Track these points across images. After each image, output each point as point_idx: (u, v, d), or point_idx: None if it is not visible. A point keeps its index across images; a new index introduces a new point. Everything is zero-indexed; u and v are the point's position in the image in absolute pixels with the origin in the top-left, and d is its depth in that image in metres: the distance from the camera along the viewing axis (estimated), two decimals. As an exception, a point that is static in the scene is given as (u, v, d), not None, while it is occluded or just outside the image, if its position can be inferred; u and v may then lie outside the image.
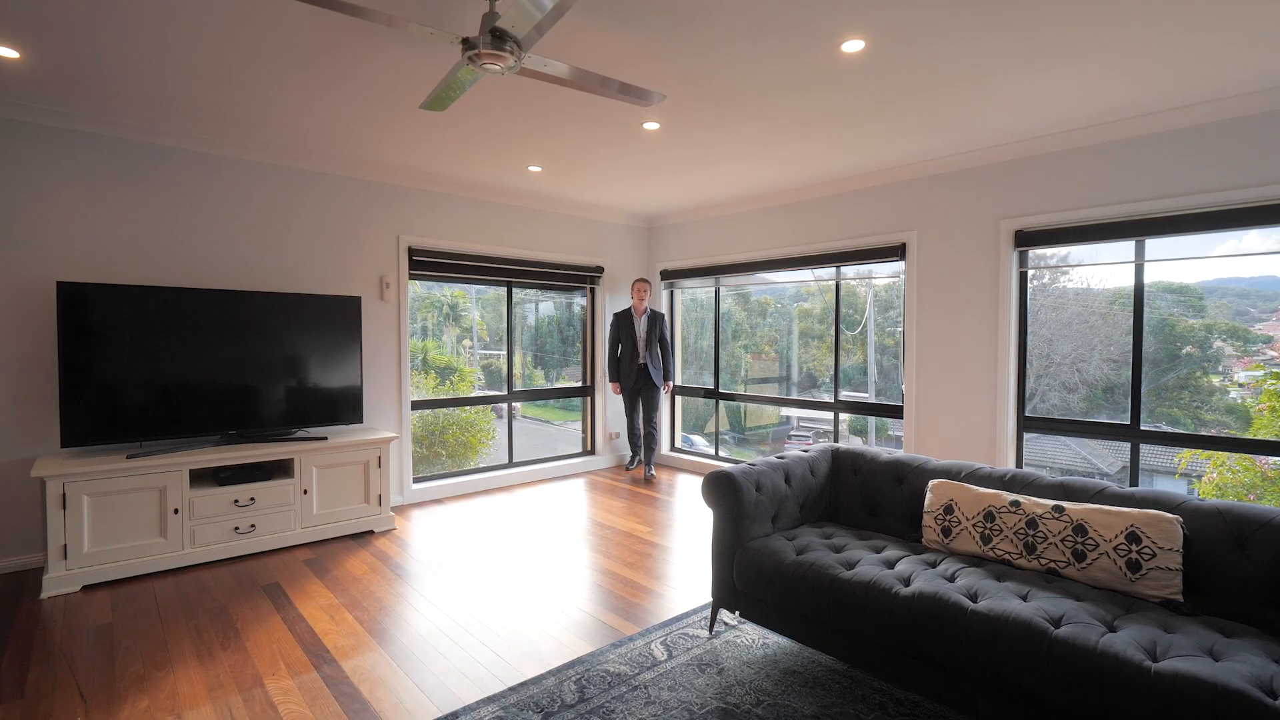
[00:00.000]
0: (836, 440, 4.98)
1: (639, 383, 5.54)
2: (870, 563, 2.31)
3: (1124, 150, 3.45)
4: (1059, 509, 2.26)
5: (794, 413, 6.05)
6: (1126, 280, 3.64)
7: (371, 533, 4.03)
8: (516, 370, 5.93)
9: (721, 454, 5.96)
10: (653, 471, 5.67)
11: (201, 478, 3.65)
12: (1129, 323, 3.56)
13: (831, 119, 3.37)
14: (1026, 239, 3.83)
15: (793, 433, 6.18)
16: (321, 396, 4.04)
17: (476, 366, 5.84)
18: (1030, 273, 3.93)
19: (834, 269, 4.88)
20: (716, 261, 5.65)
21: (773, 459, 2.87)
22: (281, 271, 4.12)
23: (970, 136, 3.65)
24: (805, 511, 2.87)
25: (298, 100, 3.16)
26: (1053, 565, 2.20)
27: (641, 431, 5.72)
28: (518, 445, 6.11)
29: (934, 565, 2.32)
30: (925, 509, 2.57)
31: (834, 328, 4.92)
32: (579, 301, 6.12)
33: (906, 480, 2.78)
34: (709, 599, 3.05)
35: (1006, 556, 2.30)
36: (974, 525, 2.40)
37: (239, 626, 2.75)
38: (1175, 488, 3.68)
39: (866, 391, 5.06)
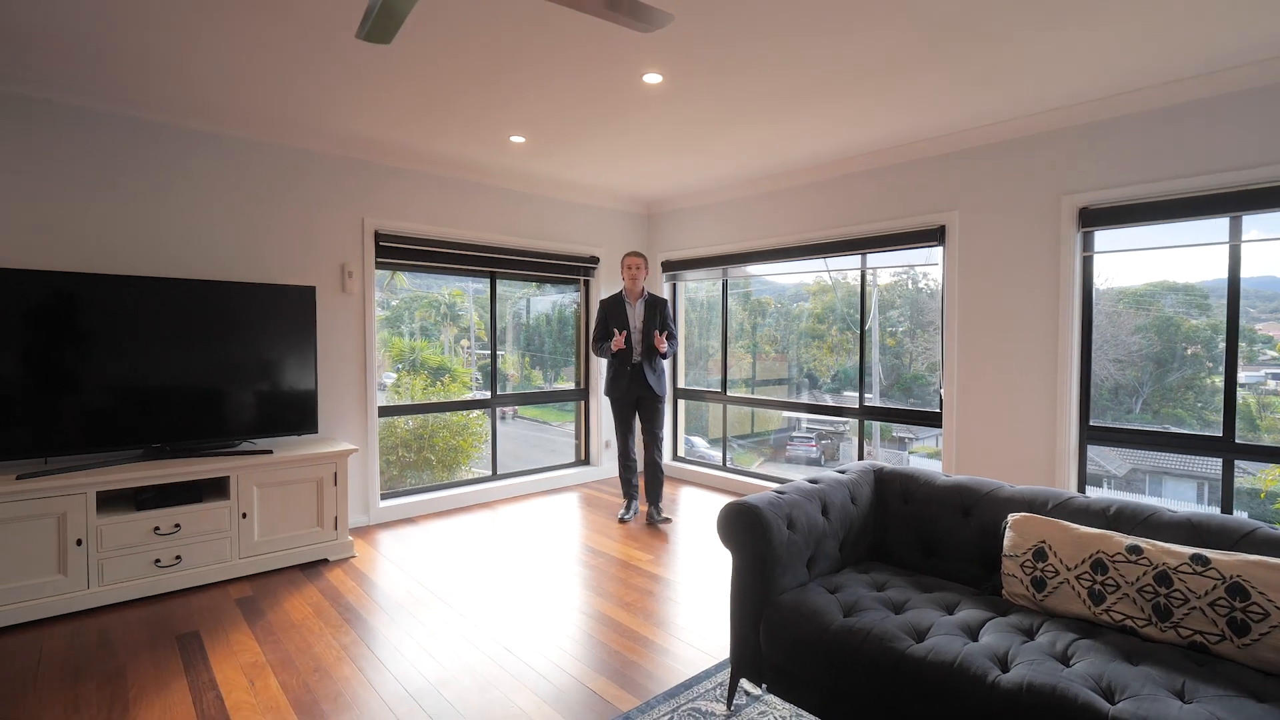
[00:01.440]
0: (862, 455, 4.40)
1: (633, 390, 4.16)
2: (945, 630, 1.74)
3: (1223, 107, 2.88)
4: (1201, 560, 1.68)
5: (795, 414, 5.54)
6: (1200, 269, 3.11)
7: (325, 562, 3.45)
8: (512, 371, 5.48)
9: (730, 462, 5.38)
10: (666, 515, 4.21)
11: (115, 501, 3.07)
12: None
13: (868, 70, 2.79)
14: (1093, 218, 3.25)
15: (794, 434, 5.68)
16: (267, 402, 3.46)
17: (473, 367, 5.36)
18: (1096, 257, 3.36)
19: (859, 257, 4.31)
20: (724, 251, 5.07)
21: (804, 484, 2.29)
22: (220, 257, 3.53)
23: (1037, 93, 3.07)
24: (846, 550, 2.29)
25: (230, 42, 2.58)
26: (1199, 639, 1.63)
27: (639, 461, 4.33)
28: (512, 450, 5.61)
29: (1030, 634, 1.74)
30: (1006, 552, 2.00)
31: (857, 324, 4.35)
32: (572, 296, 5.54)
33: (974, 512, 2.21)
34: (725, 655, 2.48)
35: (1129, 623, 1.73)
36: (1078, 578, 1.83)
37: (131, 697, 2.17)
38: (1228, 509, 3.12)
39: (870, 393, 4.66)
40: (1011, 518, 2.05)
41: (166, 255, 3.37)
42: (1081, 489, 3.40)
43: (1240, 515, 2.25)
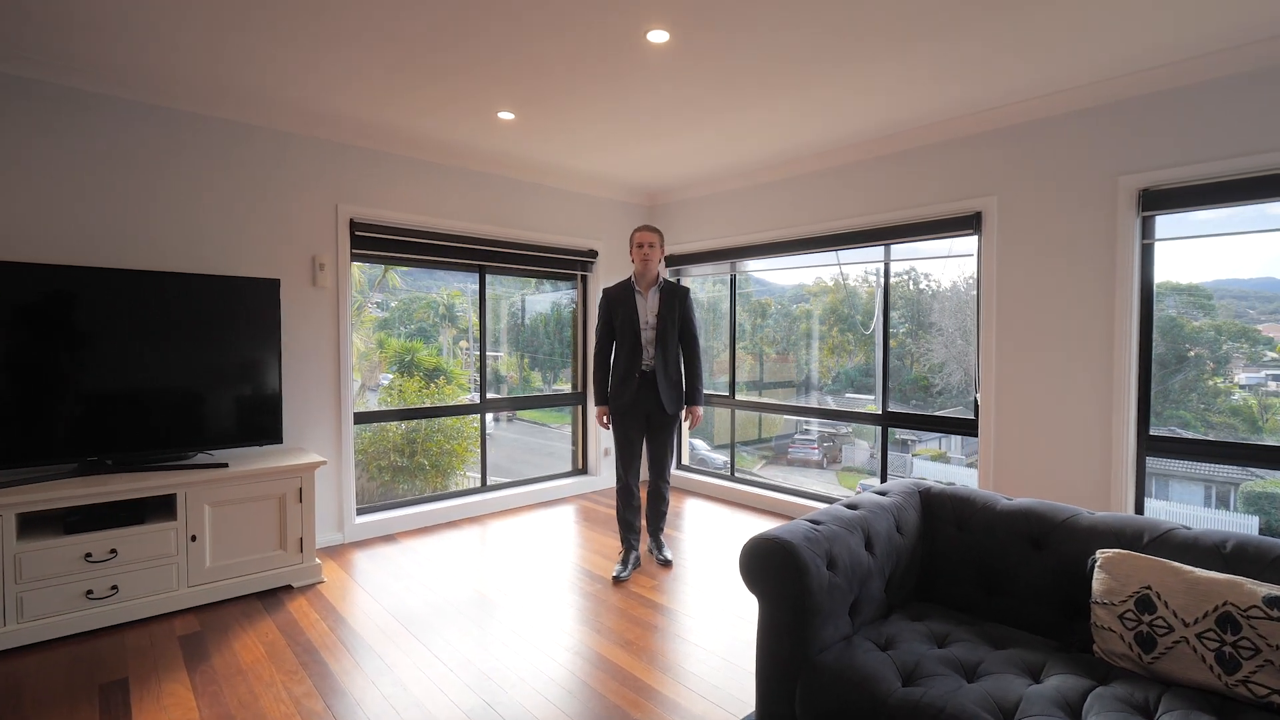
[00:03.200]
0: (885, 465, 4.02)
1: (641, 403, 3.30)
2: (1040, 708, 1.36)
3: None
4: (1372, 620, 1.30)
5: (805, 419, 5.24)
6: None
7: (289, 589, 3.07)
8: (511, 373, 5.16)
9: (738, 472, 4.99)
10: (667, 554, 3.44)
11: (41, 524, 2.68)
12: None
13: (902, 30, 2.42)
14: (1156, 200, 2.88)
15: (797, 437, 5.38)
16: (223, 409, 3.08)
17: (471, 369, 5.08)
18: (1155, 245, 2.98)
19: (882, 248, 3.93)
20: (733, 243, 4.70)
21: (842, 511, 1.91)
22: (170, 247, 3.15)
23: (1094, 59, 2.70)
24: (892, 590, 1.91)
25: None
26: (1381, 727, 1.25)
27: (641, 497, 3.42)
28: (511, 454, 5.26)
29: (1149, 713, 1.36)
30: (1098, 598, 1.61)
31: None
32: (567, 293, 5.17)
33: (1048, 544, 1.83)
34: (745, 710, 2.09)
35: (1277, 700, 1.35)
36: (1200, 637, 1.44)
37: (27, 772, 1.79)
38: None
39: (872, 394, 4.54)
40: (1101, 555, 1.67)
41: (104, 243, 2.99)
42: (1140, 507, 3.02)
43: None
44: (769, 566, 1.61)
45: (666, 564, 3.38)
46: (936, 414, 3.96)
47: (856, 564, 1.73)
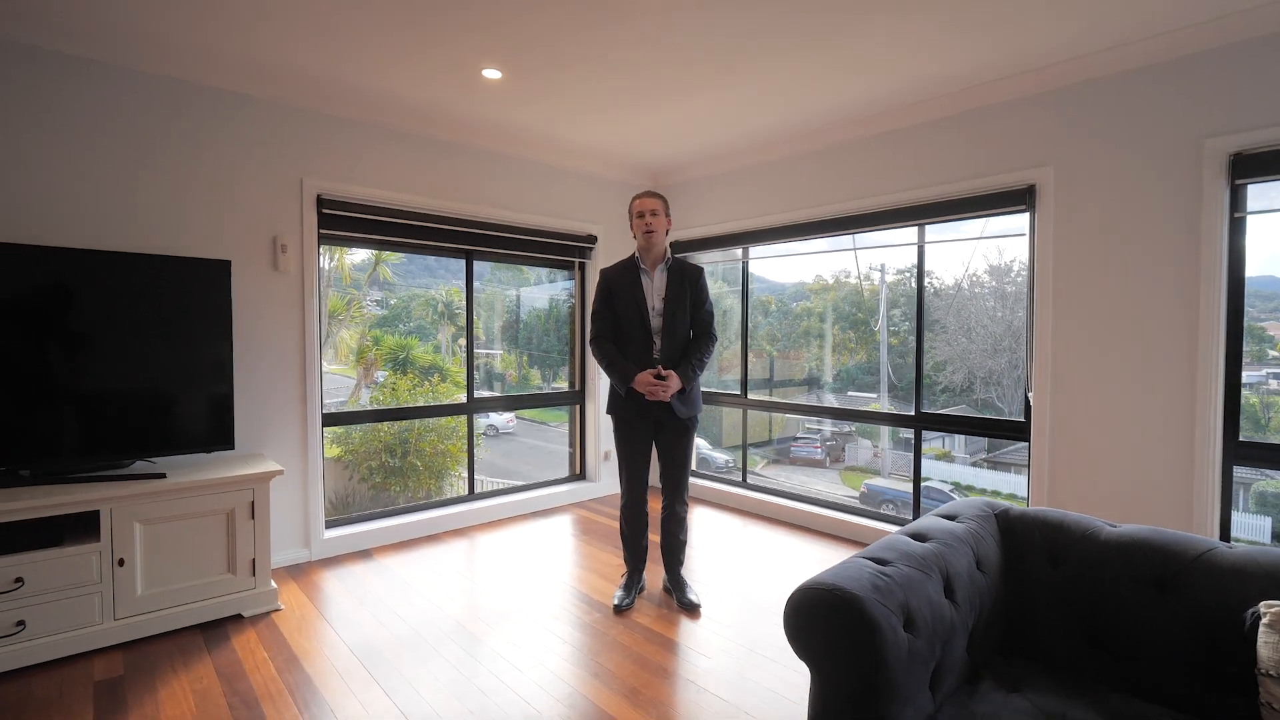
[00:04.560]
0: (919, 469, 3.58)
1: (650, 407, 2.70)
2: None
3: None
4: None
5: (798, 417, 5.05)
6: None
7: (238, 619, 2.64)
8: (510, 370, 4.82)
9: (750, 479, 4.57)
10: (692, 596, 2.79)
11: (-69, 547, 2.26)
12: None
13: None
14: (1249, 166, 2.46)
15: (799, 435, 5.19)
16: (161, 409, 2.65)
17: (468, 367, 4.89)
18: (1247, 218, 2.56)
19: (915, 229, 3.50)
20: (746, 226, 4.27)
21: (909, 544, 1.48)
22: (105, 223, 2.73)
23: (1175, 3, 2.28)
24: (975, 645, 1.49)
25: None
26: None
27: (650, 514, 2.90)
28: (505, 458, 4.89)
29: None
30: (1267, 669, 1.20)
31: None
32: (565, 285, 4.75)
33: (1176, 587, 1.41)
34: (778, 789, 1.68)
35: None
36: None
37: None
38: None
39: (875, 393, 4.56)
40: (1267, 609, 1.25)
41: (17, 216, 2.56)
42: (1226, 526, 2.60)
43: None
44: (827, 628, 1.19)
45: (692, 608, 2.73)
46: (974, 415, 3.55)
47: (939, 619, 1.31)
